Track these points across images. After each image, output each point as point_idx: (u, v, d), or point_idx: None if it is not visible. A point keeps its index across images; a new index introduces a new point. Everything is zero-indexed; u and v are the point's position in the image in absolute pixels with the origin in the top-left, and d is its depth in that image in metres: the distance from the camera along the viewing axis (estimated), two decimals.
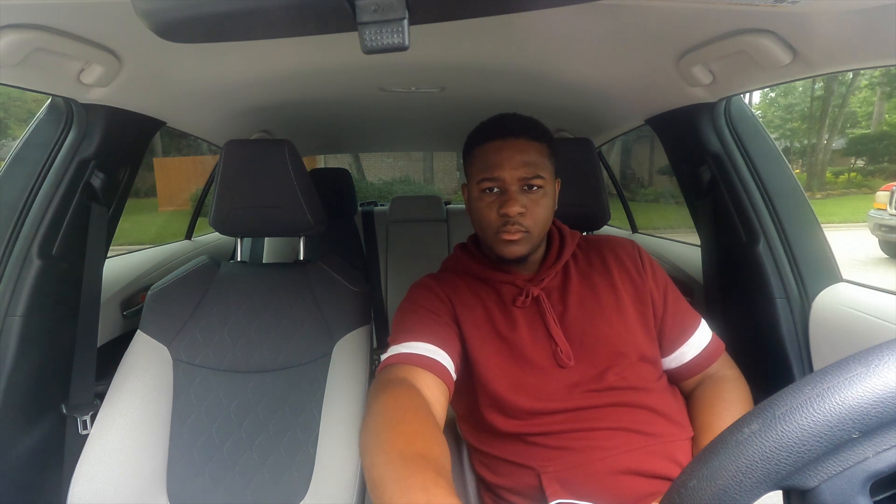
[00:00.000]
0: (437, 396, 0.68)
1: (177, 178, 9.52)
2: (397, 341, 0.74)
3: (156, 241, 1.84)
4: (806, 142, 12.59)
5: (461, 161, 0.90)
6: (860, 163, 12.05)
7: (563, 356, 0.76)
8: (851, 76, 11.15)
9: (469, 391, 0.80)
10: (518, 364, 0.76)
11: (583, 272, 0.84)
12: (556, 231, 0.88)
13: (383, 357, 0.74)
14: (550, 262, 0.83)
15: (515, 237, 0.77)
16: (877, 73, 10.85)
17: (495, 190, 0.78)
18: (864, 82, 11.94)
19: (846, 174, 11.51)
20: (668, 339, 0.82)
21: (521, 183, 0.77)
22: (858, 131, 12.54)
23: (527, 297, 0.79)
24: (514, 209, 0.75)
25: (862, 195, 9.98)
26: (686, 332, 0.83)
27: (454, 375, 0.74)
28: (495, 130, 0.79)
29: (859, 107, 12.56)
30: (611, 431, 0.72)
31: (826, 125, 11.93)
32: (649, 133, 1.34)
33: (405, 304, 0.82)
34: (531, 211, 0.77)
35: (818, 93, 12.24)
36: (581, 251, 0.88)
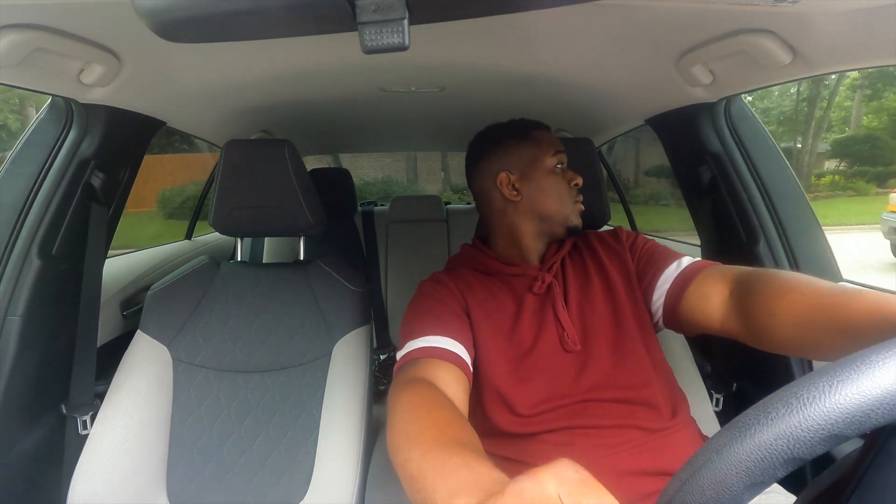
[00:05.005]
0: (456, 392, 0.67)
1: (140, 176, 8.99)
2: (413, 336, 0.74)
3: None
4: (784, 145, 12.57)
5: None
6: (842, 166, 12.01)
7: (570, 341, 0.78)
8: (835, 79, 11.08)
9: (474, 390, 0.80)
10: (525, 358, 0.77)
11: (577, 265, 0.87)
12: None
13: (399, 354, 0.74)
14: (552, 252, 0.88)
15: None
16: (855, 74, 10.80)
17: (560, 166, 0.87)
18: (841, 87, 11.89)
19: (829, 177, 11.49)
20: (646, 279, 0.81)
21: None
22: (832, 136, 12.55)
23: (543, 282, 0.82)
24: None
25: (847, 197, 9.98)
26: (661, 262, 0.81)
27: (471, 367, 0.74)
28: (539, 123, 0.90)
29: (834, 111, 12.53)
30: (614, 429, 0.72)
31: (812, 128, 11.91)
32: (639, 135, 1.34)
33: (417, 297, 0.83)
34: None
35: (802, 95, 12.22)
36: (576, 245, 0.91)
